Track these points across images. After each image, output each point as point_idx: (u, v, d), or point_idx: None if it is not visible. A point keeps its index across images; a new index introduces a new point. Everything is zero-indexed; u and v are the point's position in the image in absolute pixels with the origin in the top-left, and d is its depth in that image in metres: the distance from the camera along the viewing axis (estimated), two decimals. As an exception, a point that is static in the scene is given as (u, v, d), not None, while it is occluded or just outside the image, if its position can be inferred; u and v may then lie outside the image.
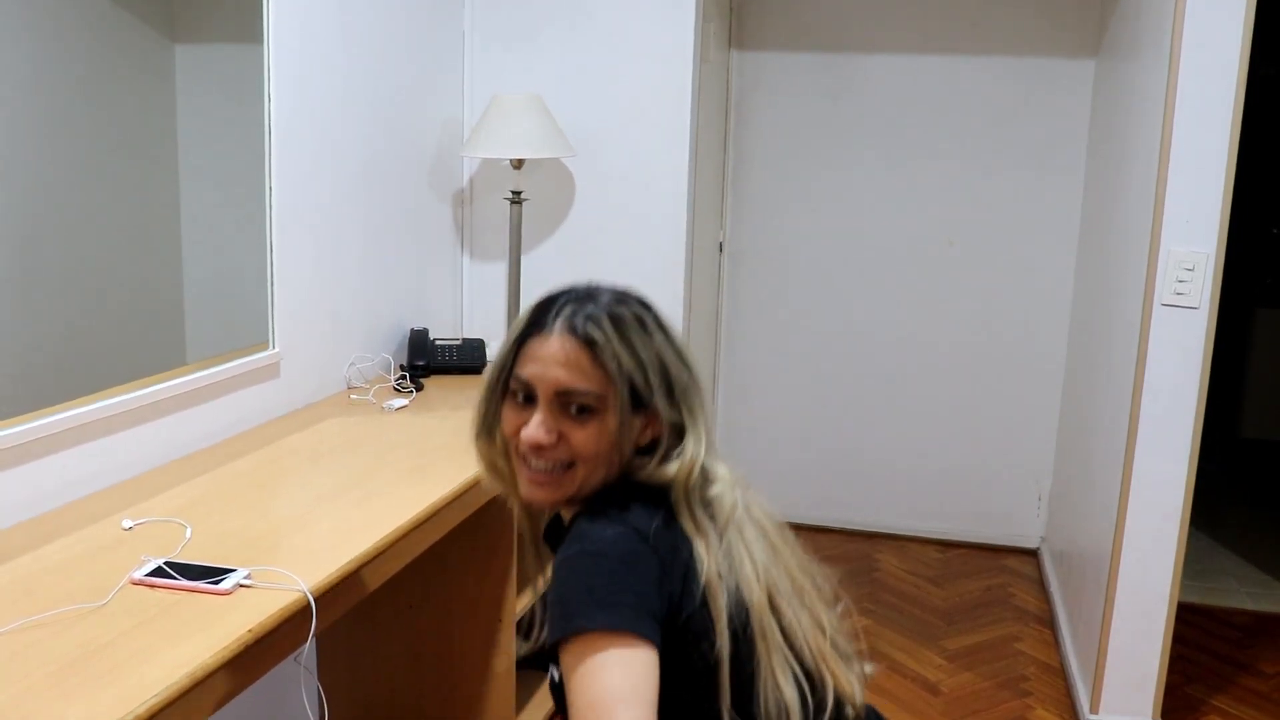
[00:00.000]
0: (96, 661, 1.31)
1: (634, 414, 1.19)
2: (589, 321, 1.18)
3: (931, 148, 4.05)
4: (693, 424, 1.21)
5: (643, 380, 1.18)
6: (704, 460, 1.21)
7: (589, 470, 1.20)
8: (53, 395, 1.84)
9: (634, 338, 1.19)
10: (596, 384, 1.17)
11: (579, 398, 1.17)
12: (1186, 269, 2.54)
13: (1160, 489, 2.65)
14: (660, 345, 1.21)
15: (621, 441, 1.19)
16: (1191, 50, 2.48)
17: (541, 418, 1.19)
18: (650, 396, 1.19)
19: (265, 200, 2.37)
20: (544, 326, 1.20)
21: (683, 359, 1.23)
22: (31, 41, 1.75)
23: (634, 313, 1.21)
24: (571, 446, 1.19)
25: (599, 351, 1.17)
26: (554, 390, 1.18)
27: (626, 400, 1.18)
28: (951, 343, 4.15)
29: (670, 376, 1.21)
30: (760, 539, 1.25)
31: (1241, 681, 3.19)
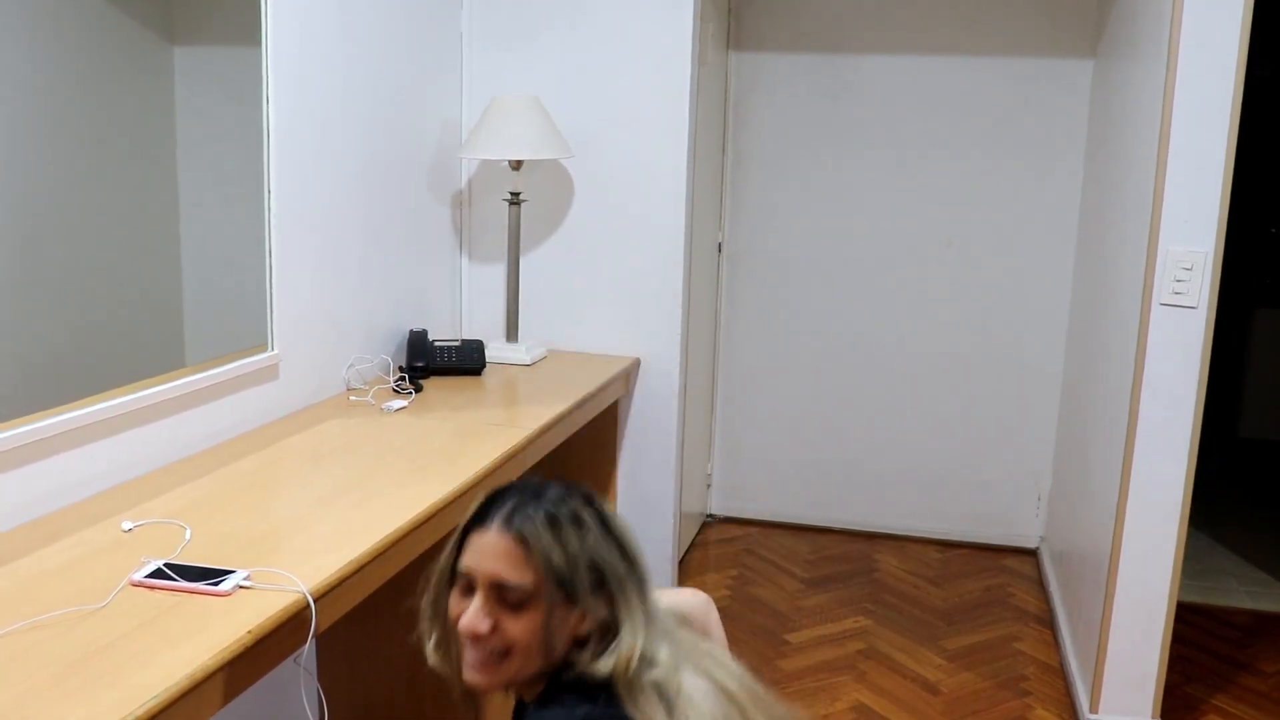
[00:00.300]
0: (97, 663, 1.31)
1: (566, 608, 1.25)
2: (525, 520, 1.25)
3: (930, 148, 4.05)
4: (629, 617, 1.27)
5: (571, 577, 1.25)
6: (643, 648, 1.26)
7: (523, 659, 1.26)
8: (52, 397, 1.84)
9: (567, 536, 1.26)
10: (528, 579, 1.24)
11: (511, 591, 1.24)
12: (1185, 269, 2.55)
13: (1159, 489, 2.66)
14: (594, 543, 1.27)
15: (551, 633, 1.25)
16: (1190, 51, 2.48)
17: (478, 606, 1.26)
18: (579, 593, 1.25)
19: (264, 202, 2.37)
20: (485, 521, 1.27)
21: (623, 551, 1.29)
22: (30, 44, 1.76)
23: (572, 510, 1.28)
24: (505, 636, 1.25)
25: (529, 549, 1.24)
26: (489, 582, 1.25)
27: (556, 595, 1.24)
28: (950, 342, 4.16)
29: (604, 573, 1.27)
30: (716, 705, 1.29)
31: (1241, 681, 3.20)
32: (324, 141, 2.59)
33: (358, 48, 2.72)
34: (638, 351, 3.39)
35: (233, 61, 2.28)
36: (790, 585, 3.78)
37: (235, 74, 2.28)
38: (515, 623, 1.24)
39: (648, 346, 3.39)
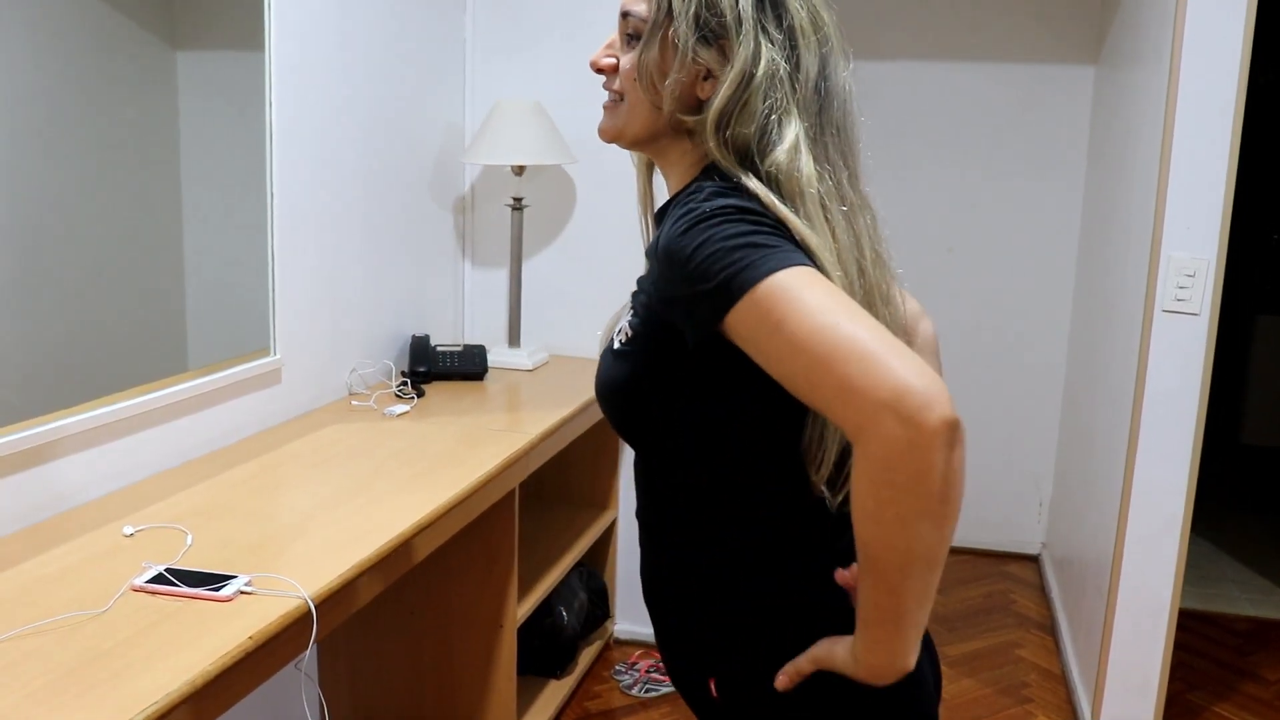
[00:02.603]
0: (97, 669, 1.31)
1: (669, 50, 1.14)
2: None
3: (931, 154, 4.05)
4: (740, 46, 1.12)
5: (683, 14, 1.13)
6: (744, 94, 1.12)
7: (632, 105, 1.19)
8: (54, 401, 1.84)
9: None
10: (645, 7, 1.16)
11: (631, 22, 1.18)
12: (1187, 275, 2.54)
13: (1161, 495, 2.65)
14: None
15: (648, 67, 1.15)
16: (1193, 57, 2.48)
17: (610, 41, 1.21)
18: (690, 36, 1.12)
19: (267, 207, 2.38)
20: None
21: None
22: (33, 49, 1.76)
23: None
24: (619, 74, 1.20)
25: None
26: (621, 12, 1.19)
27: (662, 30, 1.14)
28: (952, 349, 4.15)
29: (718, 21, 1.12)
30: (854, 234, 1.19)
31: (1243, 688, 3.19)
32: (326, 146, 2.59)
33: (360, 53, 2.72)
34: (639, 357, 3.38)
35: (236, 67, 2.28)
36: (792, 591, 3.78)
37: (238, 79, 2.29)
38: (626, 58, 1.19)
39: (649, 352, 3.38)
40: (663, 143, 1.21)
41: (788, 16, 1.13)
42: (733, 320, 1.01)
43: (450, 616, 2.51)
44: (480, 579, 2.46)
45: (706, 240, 1.03)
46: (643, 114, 1.19)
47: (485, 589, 2.47)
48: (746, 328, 1.01)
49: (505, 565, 2.44)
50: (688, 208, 1.08)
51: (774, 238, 1.04)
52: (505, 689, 2.50)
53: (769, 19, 1.13)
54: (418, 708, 2.58)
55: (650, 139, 1.21)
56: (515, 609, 2.48)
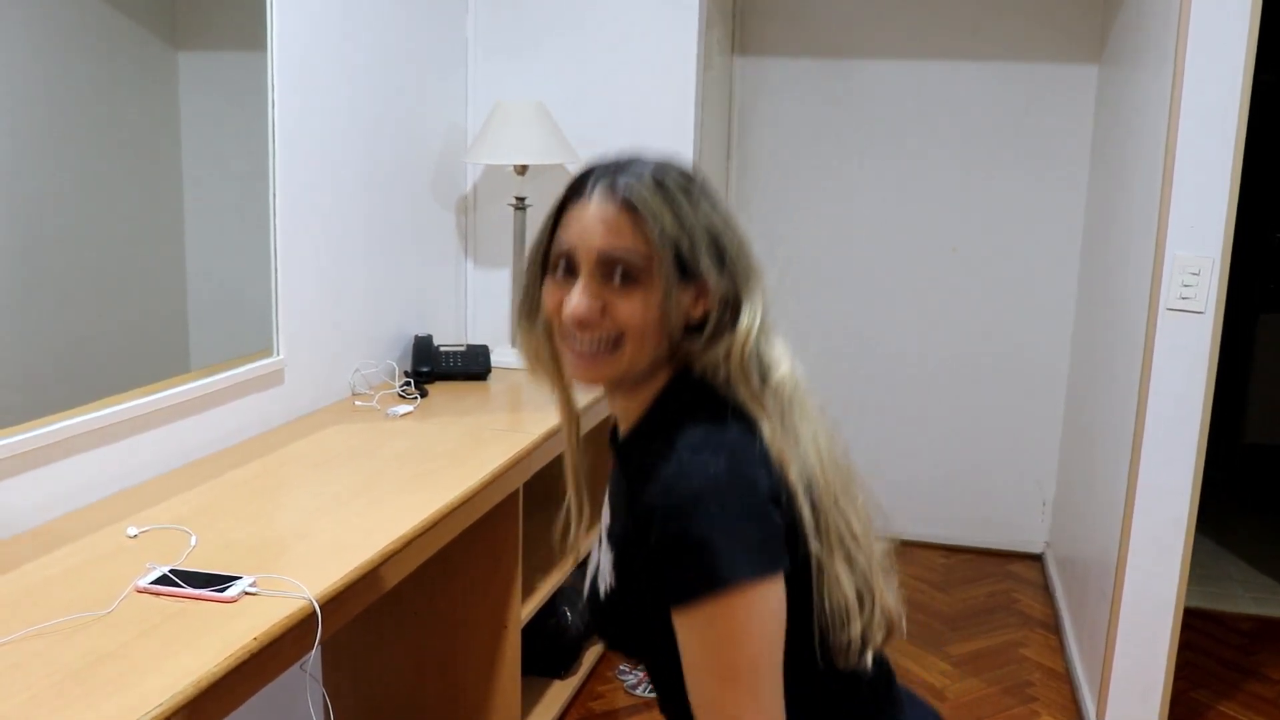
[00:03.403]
0: (101, 670, 1.31)
1: (682, 282, 1.10)
2: (630, 184, 1.09)
3: (934, 154, 4.05)
4: (748, 295, 1.12)
5: (689, 245, 1.09)
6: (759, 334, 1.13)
7: (636, 346, 1.11)
8: (57, 403, 1.84)
9: (680, 202, 1.10)
10: (640, 247, 1.08)
11: (622, 262, 1.08)
12: (1192, 274, 2.54)
13: (1166, 494, 2.65)
14: (707, 211, 1.12)
15: (668, 312, 1.09)
16: (1197, 56, 2.47)
17: (583, 286, 1.09)
18: (698, 263, 1.10)
19: (269, 207, 2.37)
20: (582, 193, 1.12)
21: (733, 228, 1.14)
22: (35, 50, 1.76)
23: (678, 178, 1.13)
24: (617, 319, 1.10)
25: (641, 214, 1.08)
26: (595, 256, 1.09)
27: (672, 265, 1.08)
28: (955, 348, 4.15)
29: (720, 243, 1.11)
30: (820, 421, 1.18)
31: (1247, 687, 3.19)
32: (329, 147, 2.59)
33: (362, 53, 2.72)
34: (642, 357, 3.38)
35: (237, 67, 2.28)
36: (795, 591, 3.78)
37: (240, 79, 2.28)
38: (626, 302, 1.08)
39: (652, 352, 3.38)
40: (645, 375, 1.16)
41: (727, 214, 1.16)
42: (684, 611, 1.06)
43: (454, 617, 2.51)
44: (484, 579, 2.46)
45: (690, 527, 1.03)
46: (649, 351, 1.12)
47: (489, 589, 2.46)
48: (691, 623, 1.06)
49: (509, 566, 2.44)
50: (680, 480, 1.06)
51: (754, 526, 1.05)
52: (509, 689, 2.50)
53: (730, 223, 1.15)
54: (422, 708, 2.58)
55: (642, 374, 1.16)
56: (519, 609, 2.48)
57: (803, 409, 1.15)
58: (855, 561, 1.15)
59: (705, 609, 1.04)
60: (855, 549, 1.16)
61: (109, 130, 1.93)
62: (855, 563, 1.15)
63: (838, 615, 1.13)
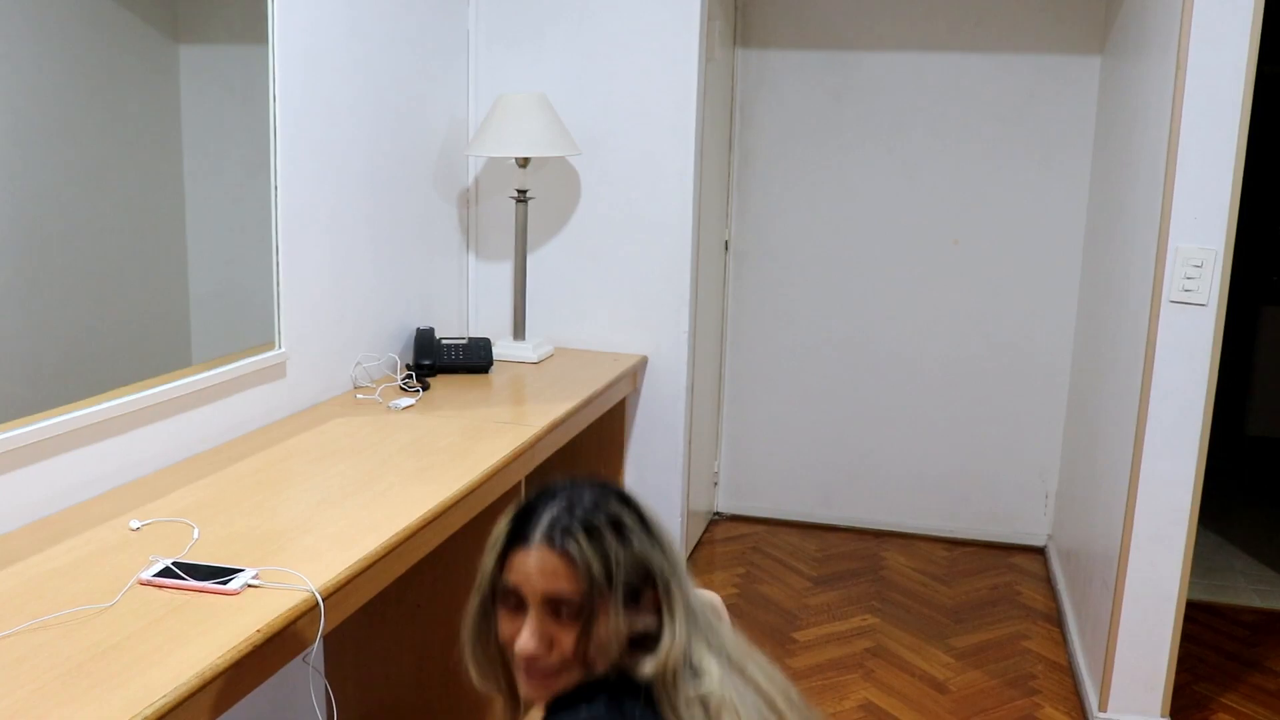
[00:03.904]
0: (105, 662, 1.31)
1: (618, 615, 1.25)
2: (565, 534, 1.25)
3: (936, 145, 4.04)
4: (670, 620, 1.27)
5: (619, 585, 1.24)
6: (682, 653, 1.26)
7: (581, 669, 1.26)
8: (59, 396, 1.84)
9: (609, 545, 1.25)
10: (579, 592, 1.23)
11: (565, 605, 1.24)
12: (1194, 266, 2.54)
13: (1168, 487, 2.65)
14: (638, 546, 1.27)
15: (608, 643, 1.25)
16: (1200, 47, 2.47)
17: (532, 628, 1.26)
18: (628, 598, 1.25)
19: (271, 200, 2.37)
20: (526, 538, 1.26)
21: (664, 552, 1.29)
22: (35, 43, 1.75)
23: (611, 515, 1.27)
24: (562, 651, 1.25)
25: (576, 563, 1.24)
26: (542, 599, 1.24)
27: (609, 604, 1.24)
28: (957, 340, 4.15)
29: (651, 574, 1.27)
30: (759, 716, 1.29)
31: (1250, 679, 3.19)
32: (331, 140, 2.59)
33: (364, 46, 2.71)
34: (645, 349, 3.38)
35: (239, 60, 2.28)
36: (798, 583, 3.78)
37: (241, 72, 2.28)
38: (569, 635, 1.24)
39: (655, 344, 3.38)
40: None
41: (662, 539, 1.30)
42: None
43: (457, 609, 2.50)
44: (486, 572, 2.46)
45: None
46: (589, 672, 1.26)
47: (491, 582, 2.46)
48: None
49: (511, 558, 2.44)
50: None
51: None
52: (512, 682, 2.50)
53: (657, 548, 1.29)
54: (425, 700, 2.58)
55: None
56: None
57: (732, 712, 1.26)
58: None
59: None
60: None
61: (110, 123, 1.93)
62: None
63: None
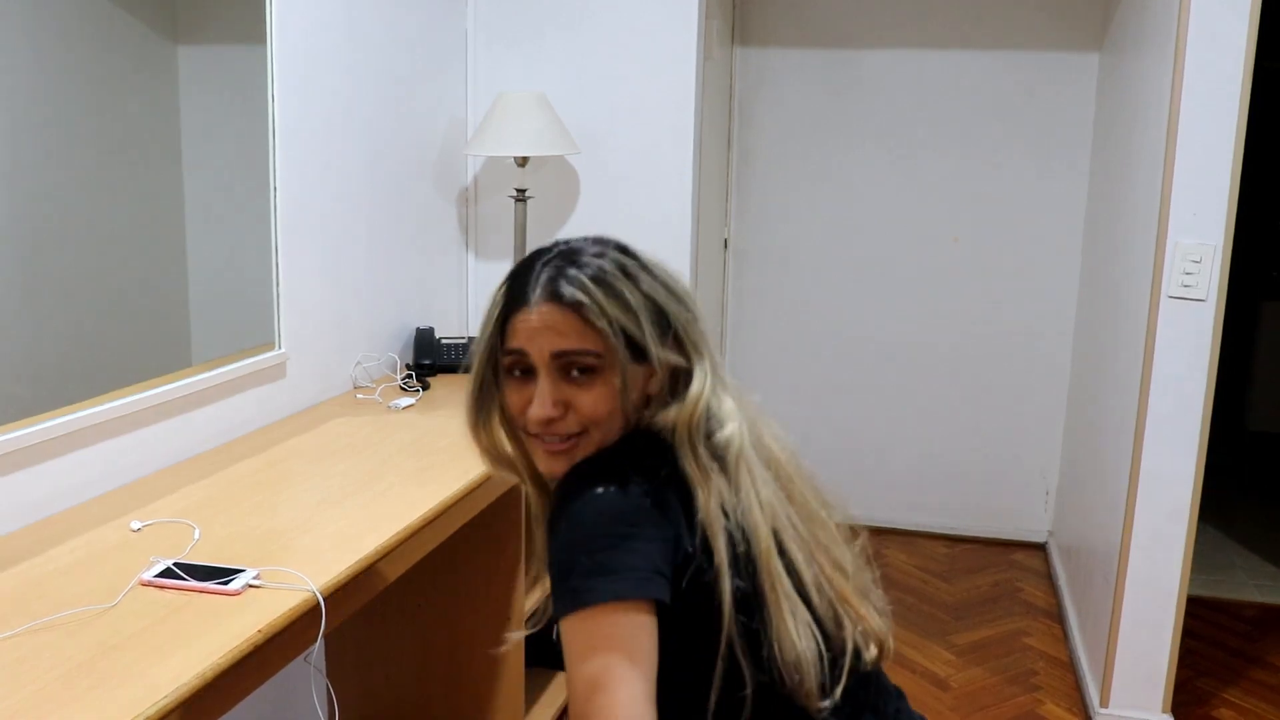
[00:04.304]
0: (107, 663, 1.31)
1: (635, 365, 1.17)
2: (570, 284, 1.16)
3: (935, 143, 4.04)
4: (698, 361, 1.19)
5: (637, 330, 1.16)
6: (709, 398, 1.18)
7: (602, 431, 1.18)
8: (59, 398, 1.84)
9: (621, 289, 1.16)
10: (592, 343, 1.15)
11: (577, 359, 1.15)
12: (1194, 261, 2.54)
13: (1169, 483, 2.65)
14: (649, 288, 1.18)
15: (627, 398, 1.16)
16: (1198, 42, 2.47)
17: (543, 390, 1.16)
18: (648, 345, 1.16)
19: (270, 201, 2.37)
20: (525, 300, 1.18)
21: (676, 295, 1.21)
22: (33, 43, 1.75)
23: (615, 262, 1.19)
24: (581, 412, 1.16)
25: (587, 312, 1.14)
26: (550, 356, 1.15)
27: (625, 354, 1.15)
28: (957, 337, 4.15)
29: (667, 317, 1.19)
30: (769, 479, 1.22)
31: (1251, 674, 3.19)
32: (330, 139, 2.59)
33: (363, 45, 2.71)
34: (644, 348, 3.38)
35: (237, 60, 2.28)
36: (798, 581, 3.78)
37: (240, 73, 2.28)
38: (587, 395, 1.15)
39: (654, 343, 3.38)
40: None
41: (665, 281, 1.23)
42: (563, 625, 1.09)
43: (458, 609, 2.51)
44: (488, 571, 2.46)
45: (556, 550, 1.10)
46: (615, 432, 1.19)
47: (493, 581, 2.46)
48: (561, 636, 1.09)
49: (512, 557, 2.44)
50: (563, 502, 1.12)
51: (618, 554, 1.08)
52: (513, 681, 2.50)
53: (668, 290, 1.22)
54: (426, 699, 2.59)
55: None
56: (523, 601, 2.48)
57: (749, 465, 1.19)
58: (815, 605, 1.18)
59: (566, 626, 1.08)
60: (817, 592, 1.19)
61: (109, 124, 1.93)
62: (815, 605, 1.18)
63: (788, 666, 1.14)
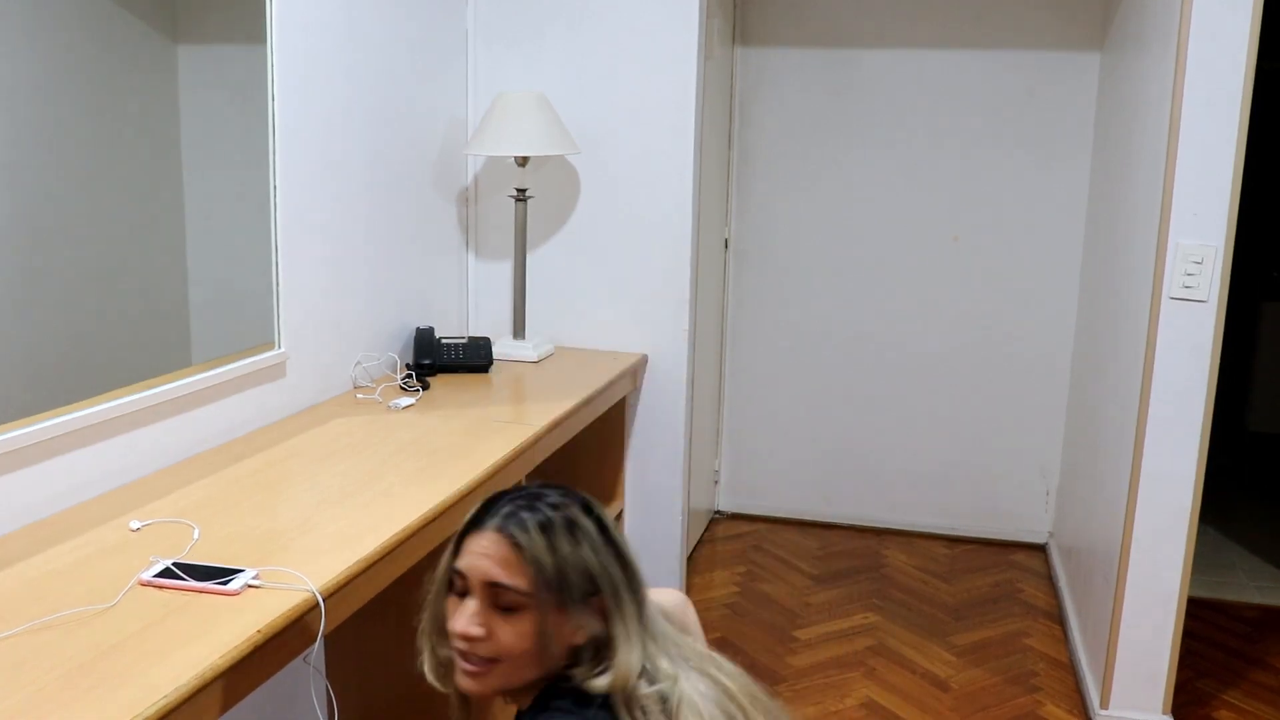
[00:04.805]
0: (106, 663, 1.31)
1: (559, 614, 1.23)
2: (518, 523, 1.24)
3: (936, 142, 4.04)
4: (624, 631, 1.25)
5: (563, 583, 1.23)
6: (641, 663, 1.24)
7: (514, 666, 1.24)
8: (59, 397, 1.84)
9: (559, 541, 1.23)
10: (521, 582, 1.22)
11: (504, 593, 1.22)
12: (1195, 262, 2.53)
13: (1169, 484, 2.65)
14: (589, 550, 1.25)
15: (545, 641, 1.23)
16: (1200, 43, 2.47)
17: (469, 608, 1.24)
18: (572, 600, 1.23)
19: (270, 200, 2.37)
20: (481, 524, 1.26)
21: (621, 560, 1.28)
22: (33, 43, 1.75)
23: (567, 517, 1.26)
24: (497, 641, 1.23)
25: (522, 553, 1.22)
26: (482, 583, 1.23)
27: (549, 600, 1.22)
28: (958, 338, 4.14)
29: (598, 582, 1.25)
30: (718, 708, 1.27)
31: (1251, 676, 3.19)
32: (330, 139, 2.59)
33: (363, 45, 2.71)
34: (645, 348, 3.38)
35: (237, 60, 2.28)
36: (799, 581, 3.78)
37: (240, 72, 2.28)
38: (507, 628, 1.23)
39: (655, 343, 3.38)
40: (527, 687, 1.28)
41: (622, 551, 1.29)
42: None
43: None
44: (487, 571, 2.46)
45: None
46: (525, 672, 1.25)
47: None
48: None
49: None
50: None
51: None
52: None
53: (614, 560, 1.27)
54: (425, 700, 2.58)
55: (523, 688, 1.27)
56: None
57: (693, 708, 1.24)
58: None
59: None
60: None
61: (109, 123, 1.93)
62: None
63: None
